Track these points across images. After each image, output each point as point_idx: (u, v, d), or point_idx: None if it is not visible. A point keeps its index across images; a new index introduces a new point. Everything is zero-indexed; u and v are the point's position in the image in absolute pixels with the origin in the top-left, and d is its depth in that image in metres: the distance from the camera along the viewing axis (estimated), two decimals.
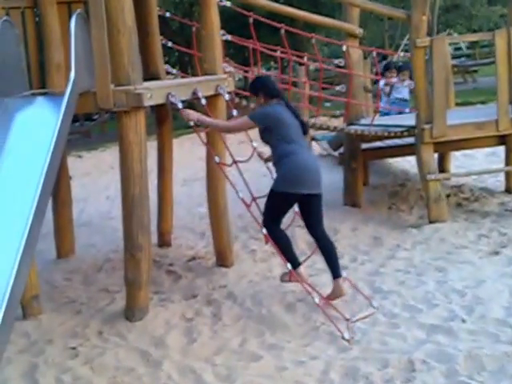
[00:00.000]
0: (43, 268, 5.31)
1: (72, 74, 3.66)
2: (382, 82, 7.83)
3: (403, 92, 7.99)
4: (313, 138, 10.84)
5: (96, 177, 10.41)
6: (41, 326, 4.39)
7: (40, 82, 4.14)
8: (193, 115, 4.49)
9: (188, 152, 11.26)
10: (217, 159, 4.63)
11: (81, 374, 3.70)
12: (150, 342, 4.06)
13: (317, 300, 4.17)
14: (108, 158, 11.91)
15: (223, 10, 5.42)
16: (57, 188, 5.71)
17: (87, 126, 17.18)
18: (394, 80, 7.66)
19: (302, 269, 4.45)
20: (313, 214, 4.49)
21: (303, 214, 4.52)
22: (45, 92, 4.14)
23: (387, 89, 7.91)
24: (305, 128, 4.44)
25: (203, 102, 4.68)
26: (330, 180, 8.35)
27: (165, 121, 5.84)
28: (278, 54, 6.30)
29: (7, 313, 2.91)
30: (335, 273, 4.41)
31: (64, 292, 5.07)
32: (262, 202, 4.55)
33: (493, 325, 3.89)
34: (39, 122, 3.76)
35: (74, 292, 5.05)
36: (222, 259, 5.40)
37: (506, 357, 3.46)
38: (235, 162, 4.61)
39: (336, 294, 4.37)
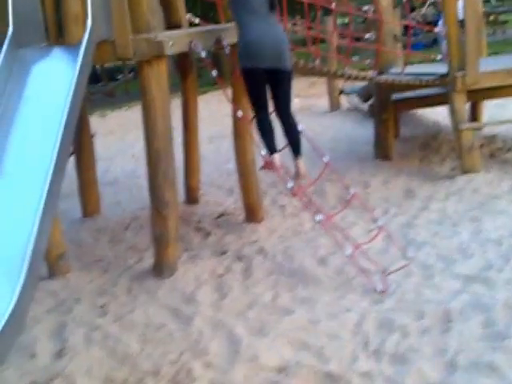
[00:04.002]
0: (69, 227, 5.26)
1: (89, 22, 3.50)
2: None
3: None
4: (341, 91, 10.60)
5: (121, 136, 10.31)
6: (68, 285, 4.34)
7: (57, 34, 3.97)
8: None
9: (214, 109, 11.09)
10: (239, 113, 4.45)
11: (110, 331, 3.64)
12: (181, 298, 3.99)
13: (348, 252, 4.04)
14: (132, 116, 11.77)
15: None
16: (79, 146, 5.64)
17: (111, 86, 17.10)
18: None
19: (277, 158, 4.33)
20: (278, 94, 4.39)
21: (272, 94, 4.42)
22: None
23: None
24: (272, 2, 4.29)
25: (227, 50, 4.49)
26: (360, 133, 8.26)
27: (188, 74, 5.64)
28: None
29: (31, 269, 2.83)
30: (296, 152, 4.41)
31: (91, 251, 5.00)
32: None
33: None
34: (56, 73, 3.61)
35: (102, 251, 4.99)
36: (252, 215, 5.28)
37: None
38: (255, 117, 4.44)
39: (298, 173, 4.36)
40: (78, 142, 5.62)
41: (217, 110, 10.94)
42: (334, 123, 9.46)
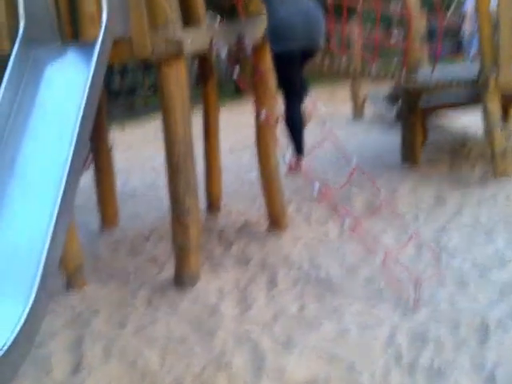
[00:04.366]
0: (87, 239, 5.12)
1: (104, 17, 3.35)
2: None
3: None
4: (365, 98, 10.36)
5: (140, 148, 10.21)
6: (86, 298, 4.17)
7: (72, 32, 3.82)
8: None
9: (234, 120, 10.92)
10: (263, 114, 4.26)
11: (129, 345, 3.47)
12: (203, 310, 3.81)
13: (379, 260, 3.84)
14: (152, 129, 11.70)
15: None
16: (98, 157, 5.52)
17: (130, 101, 17.11)
18: None
19: (303, 161, 4.13)
20: (303, 66, 4.13)
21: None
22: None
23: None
24: None
25: (249, 49, 4.28)
26: (386, 141, 8.08)
27: (209, 78, 5.45)
28: None
29: (44, 281, 2.69)
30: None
31: (109, 263, 4.84)
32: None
33: None
34: (70, 73, 3.47)
35: (120, 262, 4.82)
36: (276, 223, 5.09)
37: None
38: (287, 108, 4.22)
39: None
40: (96, 153, 5.52)
41: (236, 122, 10.78)
42: (358, 131, 9.27)
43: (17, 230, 3.07)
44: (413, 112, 6.65)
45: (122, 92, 18.06)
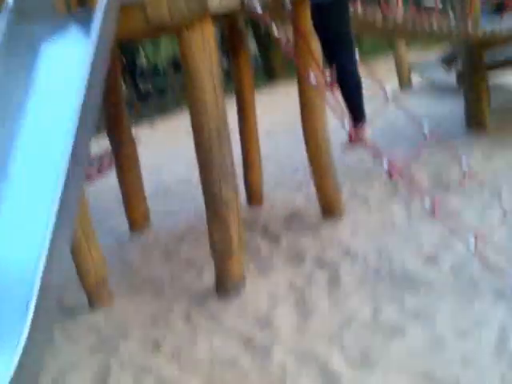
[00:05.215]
0: (115, 245, 4.55)
1: None
2: None
3: None
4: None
5: (170, 144, 9.66)
6: (112, 316, 3.54)
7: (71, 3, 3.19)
8: None
9: (268, 103, 10.30)
10: (311, 77, 3.49)
11: (166, 373, 2.85)
12: (253, 323, 3.16)
13: (471, 246, 3.05)
14: (182, 124, 11.18)
15: None
16: (119, 153, 4.90)
17: (161, 100, 16.59)
18: None
19: (367, 129, 3.38)
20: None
21: None
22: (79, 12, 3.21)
23: None
24: None
25: (288, 6, 3.61)
26: (442, 110, 7.34)
27: (240, 49, 4.73)
28: None
29: (40, 307, 2.13)
30: None
31: (141, 270, 4.20)
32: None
33: None
34: (70, 49, 2.91)
35: (153, 269, 4.18)
36: (329, 211, 4.38)
37: None
38: (337, 67, 3.44)
39: None
40: (117, 148, 4.90)
41: (271, 104, 10.18)
42: (409, 101, 8.44)
43: (7, 243, 2.52)
44: (477, 71, 5.82)
45: (153, 93, 17.68)
